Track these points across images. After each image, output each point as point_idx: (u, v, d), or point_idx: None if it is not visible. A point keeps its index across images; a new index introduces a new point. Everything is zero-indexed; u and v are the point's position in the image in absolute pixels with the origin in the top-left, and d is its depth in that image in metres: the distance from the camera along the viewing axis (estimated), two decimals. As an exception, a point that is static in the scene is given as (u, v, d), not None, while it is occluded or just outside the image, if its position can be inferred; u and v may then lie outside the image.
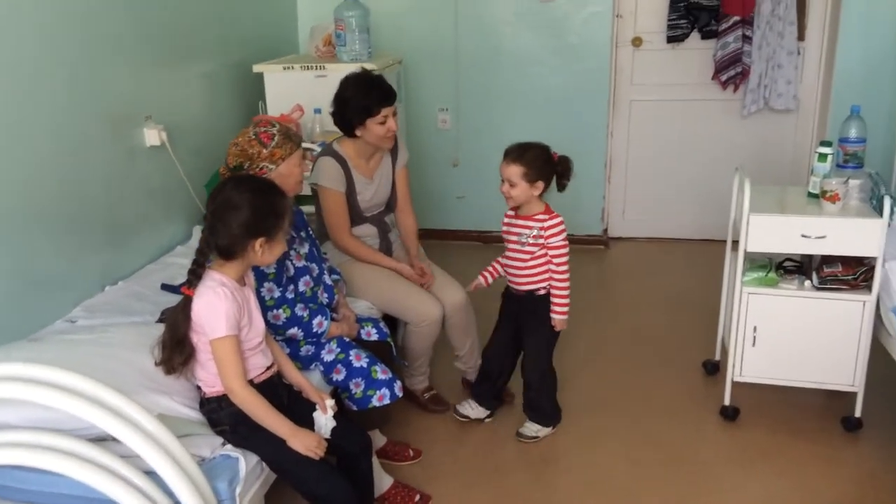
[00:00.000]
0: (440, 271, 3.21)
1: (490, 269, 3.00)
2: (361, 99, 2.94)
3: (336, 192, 3.01)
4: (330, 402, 2.26)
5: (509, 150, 2.81)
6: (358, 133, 2.99)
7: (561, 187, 2.84)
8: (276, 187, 2.17)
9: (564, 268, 2.82)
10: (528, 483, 2.76)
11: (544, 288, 2.85)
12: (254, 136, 2.44)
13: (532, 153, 2.76)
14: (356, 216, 3.09)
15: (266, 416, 2.07)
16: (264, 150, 2.43)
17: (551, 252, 2.81)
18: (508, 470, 2.83)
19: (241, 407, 2.06)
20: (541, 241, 2.80)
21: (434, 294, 3.07)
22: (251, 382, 2.12)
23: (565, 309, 2.85)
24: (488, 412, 3.11)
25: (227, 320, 2.01)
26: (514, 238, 2.86)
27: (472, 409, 3.10)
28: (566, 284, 2.84)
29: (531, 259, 2.83)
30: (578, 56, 4.68)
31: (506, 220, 2.91)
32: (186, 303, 2.04)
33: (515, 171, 2.75)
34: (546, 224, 2.79)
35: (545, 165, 2.76)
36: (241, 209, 2.02)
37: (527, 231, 2.82)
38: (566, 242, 2.81)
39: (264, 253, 2.08)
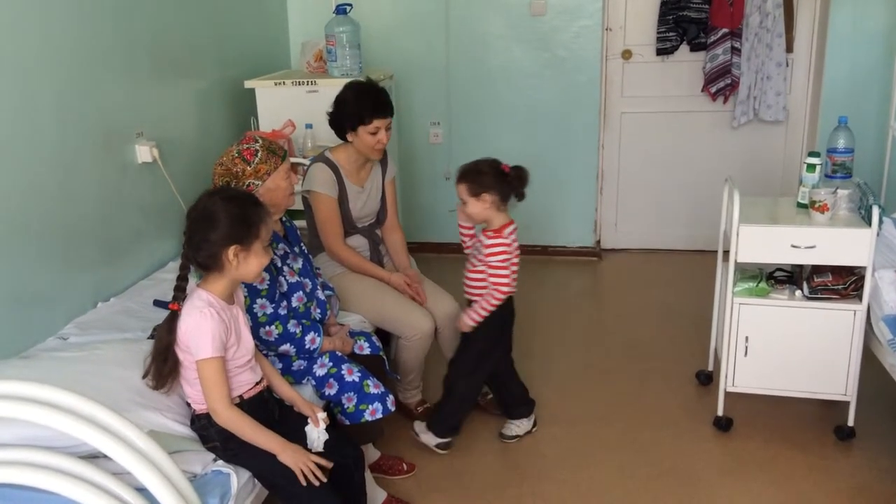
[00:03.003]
0: (431, 283, 3.21)
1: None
2: (358, 105, 2.99)
3: (329, 198, 3.03)
4: (322, 415, 2.26)
5: (457, 170, 2.86)
6: (349, 138, 3.03)
7: (519, 197, 2.87)
8: (250, 196, 2.18)
9: (503, 289, 2.83)
10: (522, 496, 2.75)
11: None
12: (237, 155, 2.45)
13: (472, 168, 2.82)
14: (348, 226, 3.10)
15: (254, 433, 2.07)
16: (248, 168, 2.43)
17: (489, 270, 2.83)
18: (502, 483, 2.83)
19: (226, 427, 2.06)
20: (481, 256, 2.84)
21: (426, 307, 3.07)
22: (241, 398, 2.12)
23: (478, 318, 2.87)
24: (527, 418, 3.10)
25: (213, 341, 2.01)
26: (470, 245, 2.96)
27: (517, 427, 3.09)
28: (496, 303, 2.84)
29: (474, 271, 2.89)
30: (569, 69, 4.71)
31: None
32: (173, 317, 2.05)
33: (460, 189, 2.81)
34: (487, 242, 2.81)
35: (488, 178, 2.79)
36: (213, 217, 2.03)
37: (479, 244, 2.86)
38: (504, 265, 2.81)
39: (239, 263, 2.06)
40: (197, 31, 3.70)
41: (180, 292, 2.06)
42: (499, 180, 2.79)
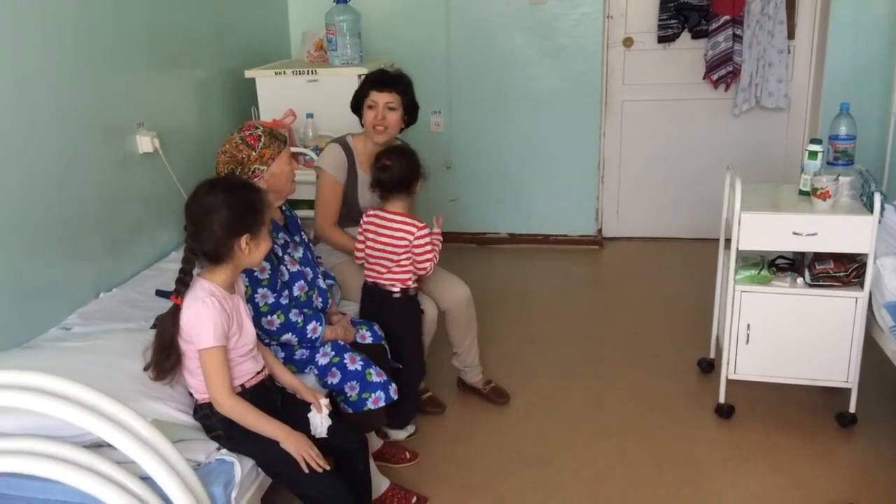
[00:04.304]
0: (443, 270, 3.21)
1: None
2: (364, 80, 3.11)
3: (332, 179, 3.07)
4: (324, 402, 2.26)
5: None
6: (362, 122, 3.11)
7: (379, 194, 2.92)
8: (249, 184, 2.20)
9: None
10: (525, 484, 2.76)
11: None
12: (241, 141, 2.46)
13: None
14: (356, 213, 3.10)
15: (256, 421, 2.08)
16: (253, 153, 2.44)
17: None
18: (505, 471, 2.84)
19: (229, 416, 2.07)
20: None
21: (434, 293, 3.08)
22: (243, 387, 2.13)
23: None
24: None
25: (215, 330, 2.02)
26: None
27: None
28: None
29: None
30: (570, 57, 4.70)
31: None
32: (175, 311, 2.06)
33: None
34: None
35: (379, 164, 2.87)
36: (220, 210, 2.03)
37: None
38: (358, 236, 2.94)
39: (251, 251, 2.09)
40: (197, 20, 3.68)
41: (183, 286, 2.06)
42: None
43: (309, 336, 2.53)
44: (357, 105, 3.12)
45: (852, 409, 2.96)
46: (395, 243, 2.82)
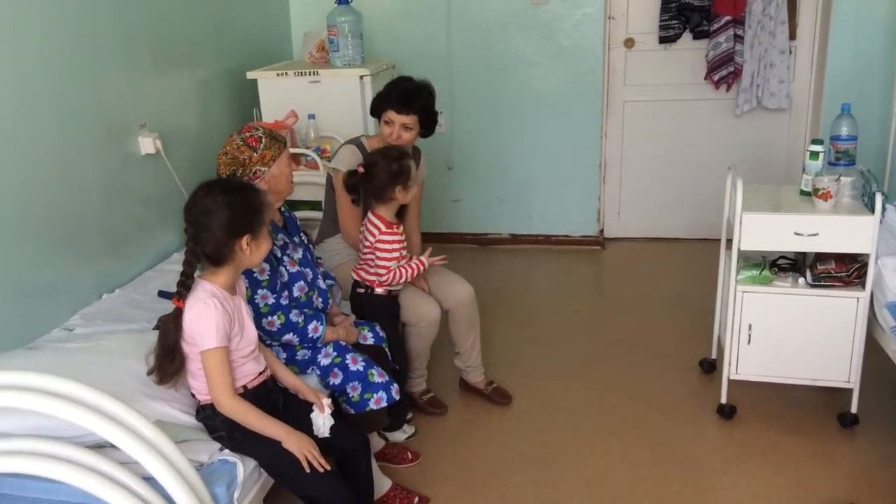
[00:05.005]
0: (446, 269, 3.21)
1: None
2: (383, 92, 3.08)
3: None
4: (327, 401, 2.27)
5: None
6: (379, 124, 3.12)
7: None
8: (248, 185, 2.21)
9: None
10: (526, 484, 2.77)
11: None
12: (242, 143, 2.46)
13: None
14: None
15: (258, 421, 2.09)
16: (255, 154, 2.45)
17: None
18: (506, 471, 2.84)
19: (231, 417, 2.08)
20: None
21: (437, 292, 3.09)
22: (245, 388, 2.14)
23: None
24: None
25: (217, 331, 2.02)
26: None
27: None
28: None
29: None
30: (571, 58, 4.70)
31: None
32: (178, 314, 2.06)
33: None
34: None
35: None
36: (220, 212, 2.04)
37: None
38: None
39: (252, 251, 2.10)
40: (198, 21, 3.69)
41: (185, 289, 2.06)
42: None
43: (310, 336, 2.54)
44: (375, 111, 3.12)
45: (854, 410, 2.96)
46: (363, 239, 2.88)
